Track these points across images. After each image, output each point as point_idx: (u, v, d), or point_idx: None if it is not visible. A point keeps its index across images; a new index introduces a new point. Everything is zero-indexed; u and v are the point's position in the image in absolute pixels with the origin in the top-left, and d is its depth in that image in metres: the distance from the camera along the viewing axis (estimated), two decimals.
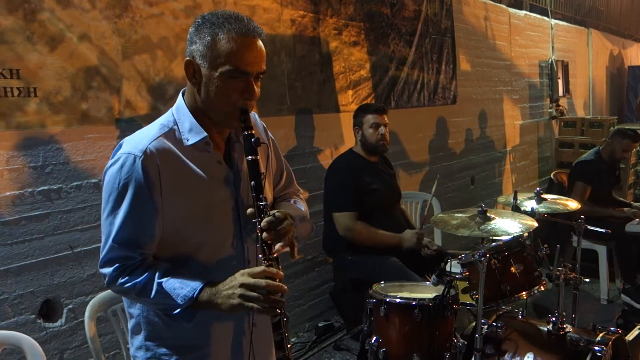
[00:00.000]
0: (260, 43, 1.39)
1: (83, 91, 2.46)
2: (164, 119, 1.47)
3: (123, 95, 2.60)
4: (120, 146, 1.42)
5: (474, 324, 2.63)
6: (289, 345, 1.41)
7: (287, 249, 1.42)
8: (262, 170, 1.42)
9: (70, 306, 2.44)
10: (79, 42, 2.43)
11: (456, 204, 4.98)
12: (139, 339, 1.52)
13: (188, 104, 1.45)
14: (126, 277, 1.38)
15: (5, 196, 2.23)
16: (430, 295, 2.33)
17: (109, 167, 1.40)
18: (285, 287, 1.35)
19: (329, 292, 3.63)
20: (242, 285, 1.32)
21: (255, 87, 1.39)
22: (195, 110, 1.43)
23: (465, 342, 2.32)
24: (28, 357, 1.75)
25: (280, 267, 1.39)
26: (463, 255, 2.42)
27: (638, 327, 2.90)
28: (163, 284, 1.36)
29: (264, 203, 1.39)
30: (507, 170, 6.21)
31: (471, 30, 5.49)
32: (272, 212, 1.40)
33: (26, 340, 1.77)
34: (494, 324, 2.37)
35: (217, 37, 1.34)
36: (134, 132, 1.45)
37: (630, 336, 2.78)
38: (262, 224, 1.37)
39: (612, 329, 2.34)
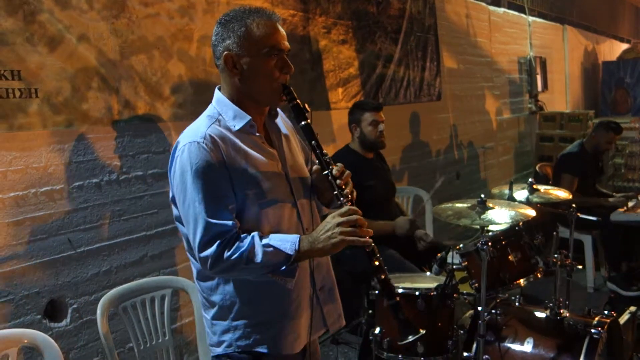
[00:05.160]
0: (282, 26, 1.57)
1: (83, 91, 2.46)
2: (209, 112, 1.59)
3: (122, 95, 2.61)
4: (178, 143, 1.52)
5: (469, 313, 2.71)
6: (384, 269, 1.59)
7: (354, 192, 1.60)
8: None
9: (74, 306, 2.45)
10: (78, 42, 2.43)
11: (443, 199, 5.06)
12: (224, 324, 1.60)
13: (227, 95, 1.58)
14: (231, 250, 1.45)
15: (9, 197, 2.23)
16: (432, 285, 2.40)
17: (174, 159, 1.51)
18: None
19: None
20: (339, 225, 1.47)
21: (290, 64, 1.55)
22: (236, 100, 1.57)
23: (467, 329, 2.39)
24: (45, 354, 1.76)
25: None
26: (462, 245, 2.49)
27: (628, 311, 3.00)
28: (269, 243, 1.47)
29: (328, 156, 1.57)
30: (490, 165, 6.33)
31: (453, 28, 5.59)
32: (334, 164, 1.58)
33: (42, 338, 1.78)
34: (493, 311, 2.44)
35: (250, 26, 1.50)
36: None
37: (622, 320, 2.88)
38: (334, 172, 1.56)
39: (605, 312, 2.43)
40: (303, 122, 1.58)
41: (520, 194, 2.94)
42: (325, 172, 1.57)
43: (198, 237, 1.46)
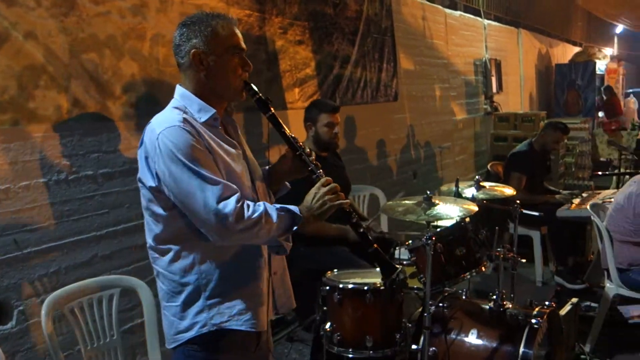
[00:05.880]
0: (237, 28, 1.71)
1: (30, 90, 2.43)
2: (174, 104, 1.69)
3: (71, 93, 2.58)
4: (153, 131, 1.59)
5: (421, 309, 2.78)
6: (361, 224, 1.75)
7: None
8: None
9: (21, 308, 2.41)
10: (24, 40, 2.40)
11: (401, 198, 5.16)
12: (198, 304, 1.66)
13: (191, 91, 1.68)
14: (250, 210, 1.56)
15: None
16: (380, 281, 2.45)
17: (155, 146, 1.56)
18: None
19: None
20: (326, 193, 1.67)
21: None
22: (200, 95, 1.67)
23: (415, 323, 2.46)
24: None
25: None
26: (411, 241, 2.56)
27: (569, 302, 3.13)
28: (280, 207, 1.64)
29: (296, 139, 1.75)
30: (446, 164, 6.46)
31: (410, 30, 5.69)
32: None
33: None
34: (440, 304, 2.52)
35: (216, 27, 1.64)
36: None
37: (563, 311, 3.01)
38: (306, 150, 1.75)
39: (547, 303, 2.53)
40: (269, 113, 1.72)
41: (469, 191, 3.03)
42: (298, 152, 1.74)
43: (212, 199, 1.52)
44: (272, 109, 1.73)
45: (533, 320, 2.34)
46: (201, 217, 1.55)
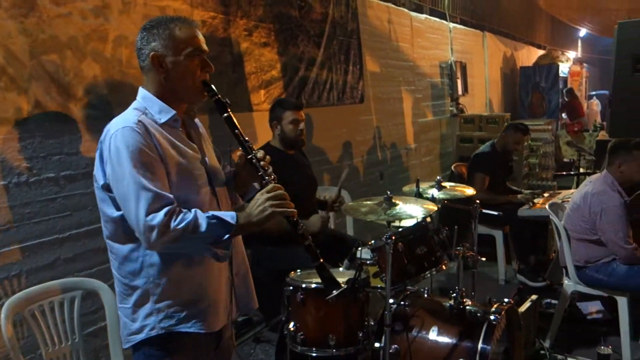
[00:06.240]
0: (199, 31, 1.74)
1: None
2: (135, 106, 1.71)
3: (31, 95, 2.56)
4: (108, 130, 1.61)
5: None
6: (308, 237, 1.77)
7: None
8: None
9: None
10: None
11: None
12: (147, 307, 1.67)
13: (153, 93, 1.70)
14: (178, 218, 1.56)
15: None
16: (344, 280, 2.49)
17: (107, 145, 1.59)
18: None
19: None
20: (268, 199, 1.67)
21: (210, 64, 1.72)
22: (161, 97, 1.71)
23: (378, 321, 2.50)
24: None
25: None
26: (373, 241, 2.60)
27: (529, 299, 3.22)
28: (212, 214, 1.61)
29: (250, 143, 1.75)
30: (413, 165, 6.56)
31: (376, 33, 5.76)
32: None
33: None
34: (402, 302, 2.56)
35: (174, 30, 1.68)
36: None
37: (523, 308, 3.09)
38: (258, 155, 1.75)
39: (505, 300, 2.60)
40: (225, 114, 1.74)
41: (431, 191, 3.10)
42: (250, 156, 1.74)
43: (142, 209, 1.53)
44: (229, 110, 1.75)
45: (491, 317, 2.41)
46: (132, 224, 1.58)
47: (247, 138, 1.77)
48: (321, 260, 1.77)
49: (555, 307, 3.67)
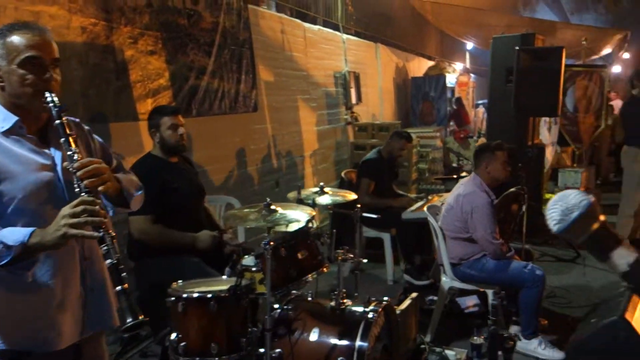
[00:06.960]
0: (47, 37, 1.74)
1: None
2: None
3: None
4: None
5: None
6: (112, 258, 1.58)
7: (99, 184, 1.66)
8: (69, 132, 1.69)
9: None
10: None
11: None
12: None
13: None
14: None
15: None
16: (225, 287, 2.51)
17: None
18: (102, 211, 1.60)
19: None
20: (64, 217, 1.55)
21: (50, 70, 1.72)
22: (4, 104, 1.72)
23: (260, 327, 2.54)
24: None
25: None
26: (256, 248, 2.65)
27: (409, 298, 3.40)
28: None
29: (75, 151, 1.65)
30: (309, 173, 6.69)
31: (269, 42, 5.84)
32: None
33: None
34: (285, 306, 2.63)
35: (8, 38, 1.69)
36: None
37: (403, 306, 3.26)
38: (75, 165, 1.63)
39: (384, 299, 2.74)
40: (57, 122, 1.70)
41: (315, 197, 3.20)
42: (67, 166, 1.67)
43: None
44: (62, 117, 1.70)
45: (369, 315, 2.53)
46: None
47: (72, 146, 1.67)
48: (125, 286, 1.57)
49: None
